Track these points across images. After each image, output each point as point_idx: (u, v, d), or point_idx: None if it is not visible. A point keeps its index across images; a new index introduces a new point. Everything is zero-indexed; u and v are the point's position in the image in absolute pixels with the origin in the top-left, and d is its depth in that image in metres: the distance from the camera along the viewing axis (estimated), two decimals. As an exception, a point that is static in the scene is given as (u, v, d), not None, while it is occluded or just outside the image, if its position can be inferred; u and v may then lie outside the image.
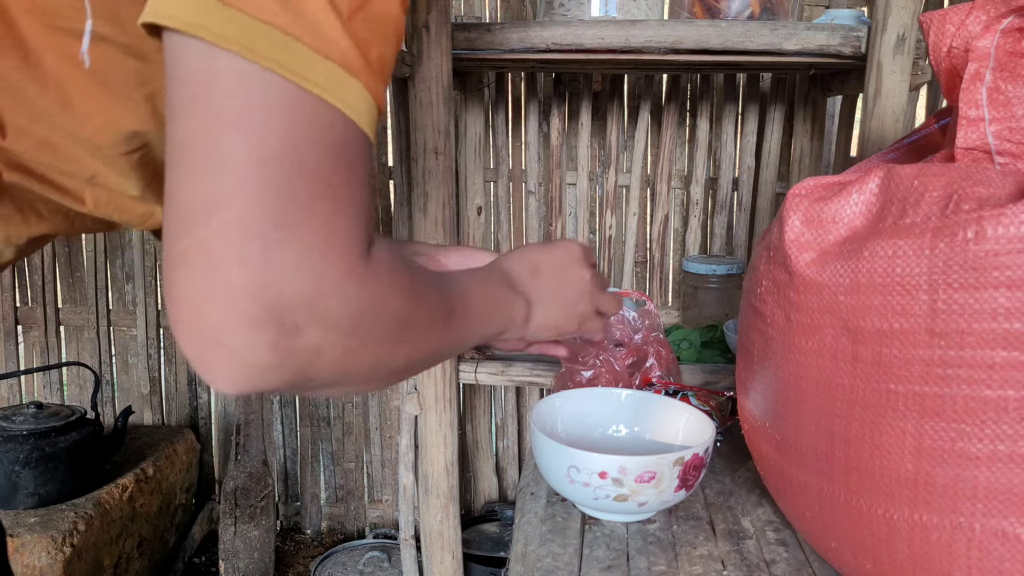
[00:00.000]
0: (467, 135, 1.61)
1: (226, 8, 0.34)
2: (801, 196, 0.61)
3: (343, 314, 0.37)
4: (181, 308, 0.35)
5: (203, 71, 0.34)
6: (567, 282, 0.66)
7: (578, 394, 0.89)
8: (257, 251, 0.34)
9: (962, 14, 0.59)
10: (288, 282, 0.35)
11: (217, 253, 0.34)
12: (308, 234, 0.35)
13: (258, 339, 0.35)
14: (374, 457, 1.88)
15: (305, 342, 0.36)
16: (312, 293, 0.36)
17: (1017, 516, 0.47)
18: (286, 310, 0.35)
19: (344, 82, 0.36)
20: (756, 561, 0.69)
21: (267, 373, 0.36)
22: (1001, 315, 0.46)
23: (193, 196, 0.35)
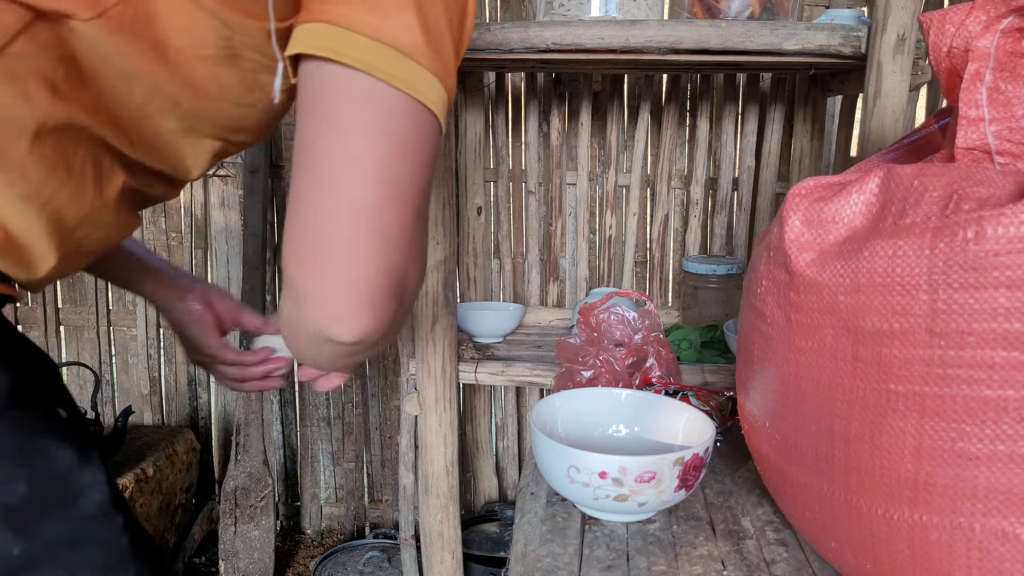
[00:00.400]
0: (467, 135, 1.61)
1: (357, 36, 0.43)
2: (801, 196, 0.61)
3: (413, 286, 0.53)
4: (345, 280, 0.46)
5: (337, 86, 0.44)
6: None
7: (578, 394, 0.89)
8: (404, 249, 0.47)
9: (962, 14, 0.59)
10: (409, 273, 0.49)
11: (386, 243, 0.46)
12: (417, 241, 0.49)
13: (391, 306, 0.48)
14: (374, 457, 1.88)
15: (405, 307, 0.51)
16: (417, 281, 0.52)
17: (1017, 516, 0.47)
18: (404, 292, 0.49)
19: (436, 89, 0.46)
20: (756, 561, 0.69)
21: (383, 329, 0.49)
22: (1001, 315, 0.46)
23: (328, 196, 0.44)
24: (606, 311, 1.03)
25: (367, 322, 0.47)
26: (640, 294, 1.13)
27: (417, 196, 0.47)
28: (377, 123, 0.43)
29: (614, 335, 1.01)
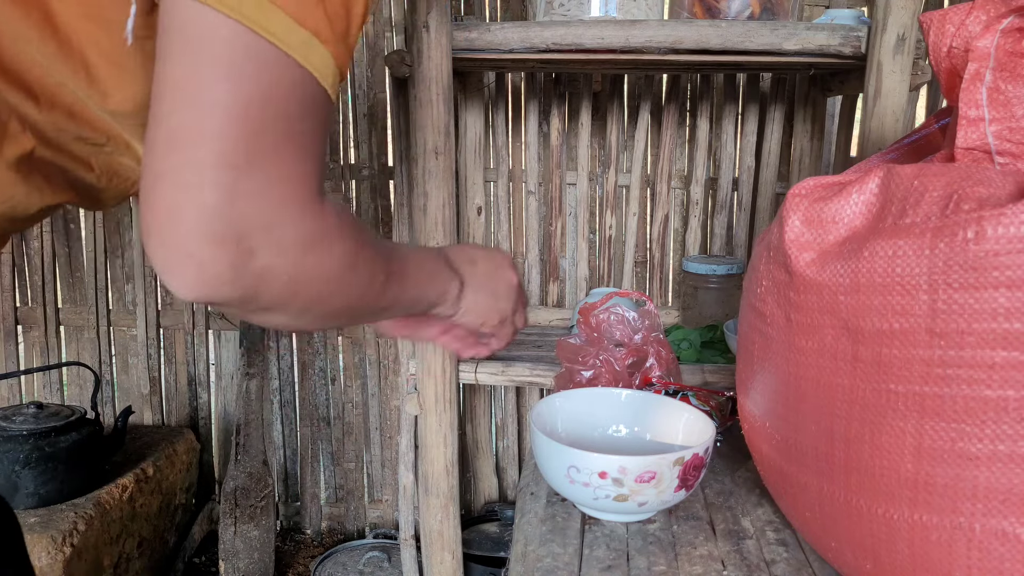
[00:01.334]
0: (467, 135, 1.61)
1: None
2: (801, 196, 0.61)
3: (295, 243, 0.44)
4: (157, 218, 0.41)
5: (201, 26, 0.40)
6: (498, 277, 0.72)
7: (578, 394, 0.89)
8: (231, 178, 0.40)
9: (962, 14, 0.59)
10: (252, 208, 0.41)
11: (197, 175, 0.40)
12: (274, 169, 0.42)
13: (220, 254, 0.41)
14: (374, 457, 1.88)
15: (258, 263, 0.43)
16: (272, 220, 0.42)
17: (1017, 516, 0.47)
18: (247, 232, 0.41)
19: (315, 49, 0.43)
20: (756, 561, 0.69)
21: (221, 286, 0.42)
22: (1001, 315, 0.46)
23: (182, 125, 0.41)
24: (606, 311, 1.02)
25: (185, 270, 0.41)
26: (640, 294, 1.13)
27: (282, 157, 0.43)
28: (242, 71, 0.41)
29: (614, 335, 1.01)
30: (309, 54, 0.42)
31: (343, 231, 0.47)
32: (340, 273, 0.48)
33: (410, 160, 1.49)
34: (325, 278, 0.47)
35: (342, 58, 0.46)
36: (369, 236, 0.53)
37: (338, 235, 0.47)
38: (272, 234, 0.42)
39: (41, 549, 1.28)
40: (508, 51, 1.17)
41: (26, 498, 1.37)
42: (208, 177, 0.40)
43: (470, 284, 0.68)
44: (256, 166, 0.41)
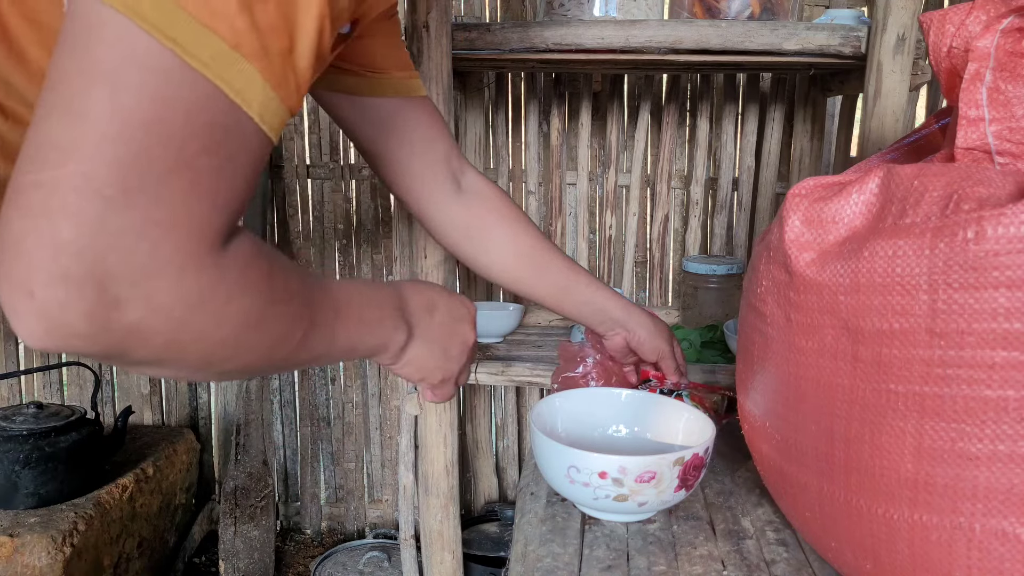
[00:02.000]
0: (467, 135, 1.61)
1: None
2: (801, 196, 0.61)
3: (173, 300, 0.35)
4: (3, 243, 0.33)
5: (89, 17, 0.34)
6: (454, 333, 0.66)
7: (578, 394, 0.89)
8: (95, 209, 0.33)
9: (962, 14, 0.59)
10: (119, 250, 0.33)
11: (56, 199, 0.32)
12: (154, 207, 0.34)
13: (72, 301, 0.33)
14: (374, 457, 1.88)
15: (124, 318, 0.34)
16: (142, 268, 0.34)
17: (1017, 516, 0.47)
18: (110, 279, 0.33)
19: (232, 63, 0.35)
20: (756, 561, 0.69)
21: (74, 338, 0.34)
22: (1001, 315, 0.46)
23: (51, 136, 0.33)
24: None
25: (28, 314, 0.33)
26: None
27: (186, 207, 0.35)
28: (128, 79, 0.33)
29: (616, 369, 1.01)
30: (225, 71, 0.35)
31: (246, 287, 0.39)
32: (239, 333, 0.40)
33: (410, 160, 1.49)
34: (219, 339, 0.39)
35: (283, 83, 0.37)
36: (290, 284, 0.44)
37: (238, 291, 0.39)
38: (144, 287, 0.34)
39: (41, 549, 1.28)
40: (508, 51, 1.17)
41: (26, 498, 1.37)
42: (67, 203, 0.32)
43: (420, 336, 0.62)
44: (132, 200, 0.33)
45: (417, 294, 0.63)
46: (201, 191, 0.35)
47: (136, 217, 0.33)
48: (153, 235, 0.34)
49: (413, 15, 1.13)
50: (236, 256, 0.38)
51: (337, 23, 0.41)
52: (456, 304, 0.67)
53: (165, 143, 0.34)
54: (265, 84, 0.36)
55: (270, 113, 0.38)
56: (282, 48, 0.37)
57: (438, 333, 0.64)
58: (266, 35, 0.36)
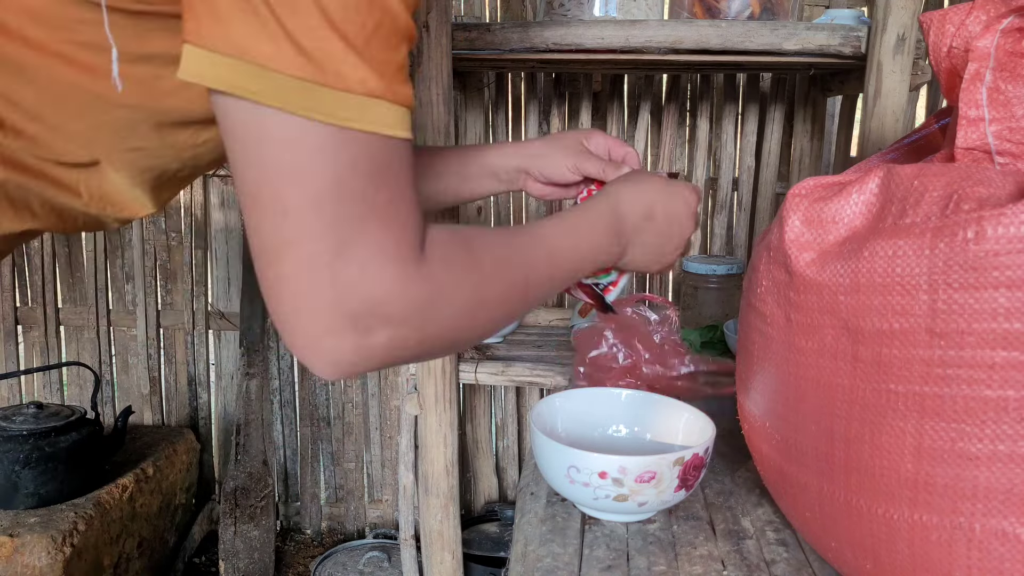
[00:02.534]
0: (467, 135, 1.61)
1: (261, 69, 0.38)
2: (801, 196, 0.61)
3: (407, 313, 0.44)
4: (281, 323, 0.43)
5: (252, 126, 0.40)
6: (672, 234, 0.69)
7: (578, 394, 0.89)
8: (326, 275, 0.41)
9: (962, 14, 0.59)
10: (353, 296, 0.42)
11: (297, 283, 0.41)
12: (364, 252, 0.42)
13: (342, 343, 0.43)
14: (374, 457, 1.88)
15: (379, 340, 0.43)
16: (375, 300, 0.42)
17: (1017, 516, 0.47)
18: (357, 319, 0.42)
19: (372, 107, 0.41)
20: (756, 561, 0.69)
21: (355, 366, 0.44)
22: (1001, 315, 0.46)
23: (269, 238, 0.42)
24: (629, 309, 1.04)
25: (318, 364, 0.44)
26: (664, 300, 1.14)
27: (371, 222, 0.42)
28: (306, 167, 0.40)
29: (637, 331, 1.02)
30: (366, 115, 0.41)
31: (457, 279, 0.47)
32: (470, 313, 0.48)
33: (410, 160, 1.49)
34: (455, 327, 0.48)
35: (403, 93, 0.44)
36: (495, 253, 0.52)
37: (453, 286, 0.47)
38: (381, 312, 0.43)
39: (41, 549, 1.28)
40: (508, 51, 1.17)
41: (26, 498, 1.37)
42: (304, 281, 0.41)
43: (633, 248, 0.66)
44: (344, 256, 0.41)
45: (635, 203, 0.66)
46: (388, 222, 0.43)
47: (355, 267, 0.42)
48: (371, 272, 0.42)
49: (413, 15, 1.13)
50: (436, 258, 0.46)
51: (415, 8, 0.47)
52: (677, 202, 0.69)
53: (349, 200, 0.41)
54: (396, 106, 0.43)
55: (404, 123, 0.44)
56: (393, 71, 0.42)
57: (654, 240, 0.68)
58: (382, 71, 0.41)
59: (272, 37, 0.38)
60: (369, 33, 0.40)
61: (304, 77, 0.38)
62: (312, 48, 0.38)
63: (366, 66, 0.40)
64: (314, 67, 0.39)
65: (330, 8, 0.38)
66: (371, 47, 0.40)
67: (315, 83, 0.39)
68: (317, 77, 0.39)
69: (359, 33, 0.40)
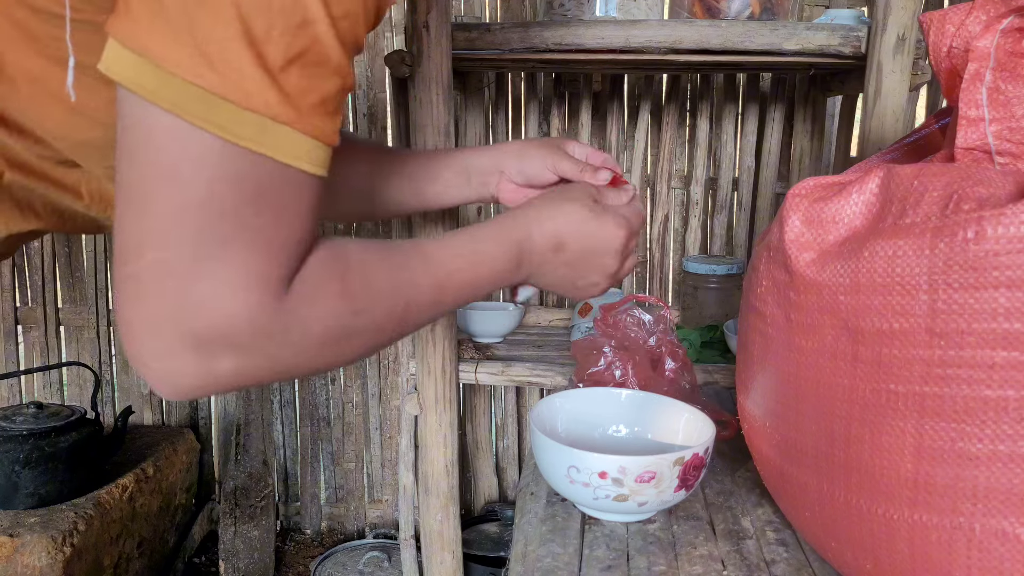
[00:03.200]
0: (467, 135, 1.61)
1: (160, 70, 0.37)
2: (801, 196, 0.61)
3: (255, 343, 0.41)
4: (121, 330, 0.41)
5: (142, 123, 0.39)
6: (586, 270, 0.64)
7: (578, 394, 0.89)
8: (173, 287, 0.39)
9: (962, 14, 0.59)
10: (201, 316, 0.39)
11: (143, 287, 0.39)
12: (221, 271, 0.39)
13: (178, 366, 0.40)
14: (374, 457, 1.88)
15: (225, 367, 0.41)
16: (221, 326, 0.40)
17: (1017, 516, 0.47)
18: (201, 342, 0.40)
19: (275, 131, 0.40)
20: (756, 561, 0.69)
21: (199, 390, 0.41)
22: (1001, 315, 0.46)
23: (129, 235, 0.39)
24: (625, 312, 1.03)
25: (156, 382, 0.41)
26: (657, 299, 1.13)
27: None
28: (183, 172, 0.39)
29: (630, 335, 1.01)
30: (265, 137, 0.39)
31: (320, 314, 0.44)
32: (332, 346, 0.46)
33: (410, 160, 1.49)
34: (314, 357, 0.45)
35: (318, 126, 0.42)
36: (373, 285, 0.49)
37: (315, 320, 0.44)
38: (229, 340, 0.40)
39: (41, 549, 1.28)
40: (508, 51, 1.17)
41: (26, 498, 1.37)
42: (151, 288, 0.39)
43: (540, 275, 0.62)
44: (199, 271, 0.39)
45: (545, 233, 0.61)
46: (258, 246, 0.41)
47: (207, 284, 0.39)
48: (223, 295, 0.40)
49: (413, 15, 1.13)
50: (301, 292, 0.43)
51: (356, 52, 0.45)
52: (598, 237, 0.63)
53: (219, 216, 0.39)
54: (306, 137, 0.41)
55: (317, 157, 0.43)
56: (312, 103, 0.41)
57: (563, 272, 0.62)
58: (295, 99, 0.40)
59: (177, 40, 0.37)
60: (290, 58, 0.39)
61: (202, 85, 0.37)
62: (218, 59, 0.37)
63: (276, 89, 0.39)
64: (216, 77, 0.38)
65: (251, 25, 0.37)
66: (289, 73, 0.39)
67: (214, 93, 0.38)
68: (217, 88, 0.38)
69: (278, 55, 0.39)
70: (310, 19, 0.39)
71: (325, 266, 0.45)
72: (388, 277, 0.50)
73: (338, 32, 0.41)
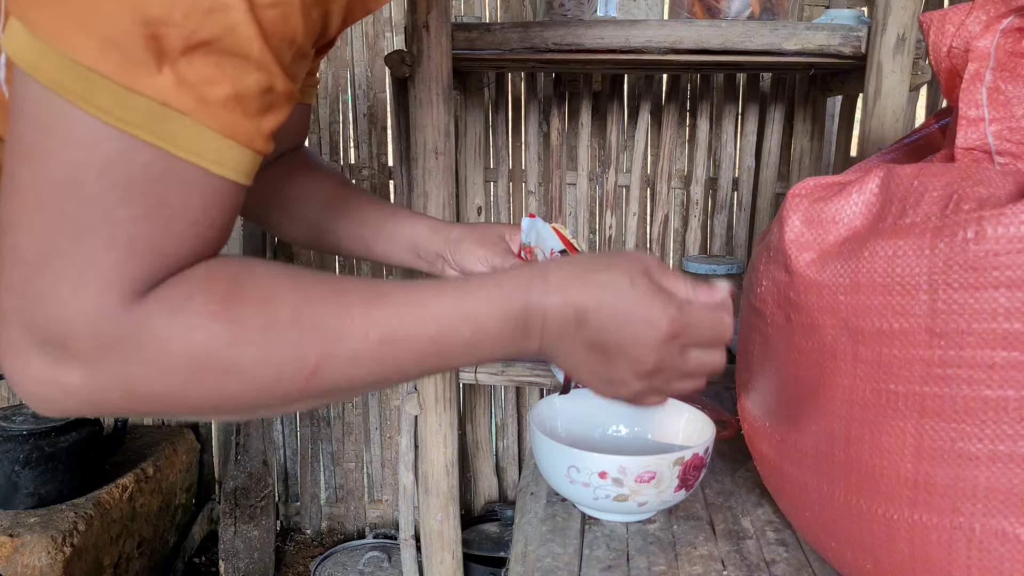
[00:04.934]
0: (467, 135, 1.61)
1: (35, 39, 0.34)
2: (801, 196, 0.61)
3: (99, 354, 0.36)
4: None
5: (23, 99, 0.35)
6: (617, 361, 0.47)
7: (578, 394, 0.89)
8: (20, 275, 0.35)
9: (962, 14, 0.59)
10: (41, 312, 0.35)
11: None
12: (69, 266, 0.35)
13: (24, 365, 0.35)
14: (374, 457, 1.88)
15: (73, 378, 0.36)
16: (63, 327, 0.35)
17: (1017, 516, 0.47)
18: (46, 340, 0.35)
19: (170, 120, 0.35)
20: (756, 561, 0.69)
21: (49, 402, 0.36)
22: (1001, 315, 0.46)
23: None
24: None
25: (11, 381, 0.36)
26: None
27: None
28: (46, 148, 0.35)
29: None
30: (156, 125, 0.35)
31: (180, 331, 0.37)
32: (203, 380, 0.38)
33: (410, 160, 1.49)
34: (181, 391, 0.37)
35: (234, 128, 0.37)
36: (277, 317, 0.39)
37: (174, 337, 0.37)
38: (69, 346, 0.35)
39: (41, 549, 1.28)
40: (508, 51, 1.17)
41: (26, 498, 1.37)
42: (3, 276, 0.35)
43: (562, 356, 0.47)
44: (47, 262, 0.34)
45: (561, 303, 0.45)
46: (118, 244, 0.35)
47: (49, 279, 0.35)
48: (63, 294, 0.35)
49: (413, 15, 1.13)
50: (160, 302, 0.37)
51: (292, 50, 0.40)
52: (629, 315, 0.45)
53: (79, 202, 0.35)
54: (211, 132, 0.37)
55: (228, 157, 0.38)
56: (222, 96, 0.37)
57: (583, 357, 0.47)
58: (199, 88, 0.36)
59: (64, 13, 0.34)
60: (193, 44, 0.35)
61: (82, 61, 0.34)
62: (104, 35, 0.34)
63: (173, 75, 0.35)
64: (99, 55, 0.34)
65: (149, 4, 0.34)
66: (192, 59, 0.35)
67: (92, 70, 0.34)
68: (97, 65, 0.34)
69: (178, 40, 0.35)
70: (224, 5, 0.35)
71: (204, 280, 0.38)
72: (303, 313, 0.40)
73: (260, 23, 0.36)
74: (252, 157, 0.39)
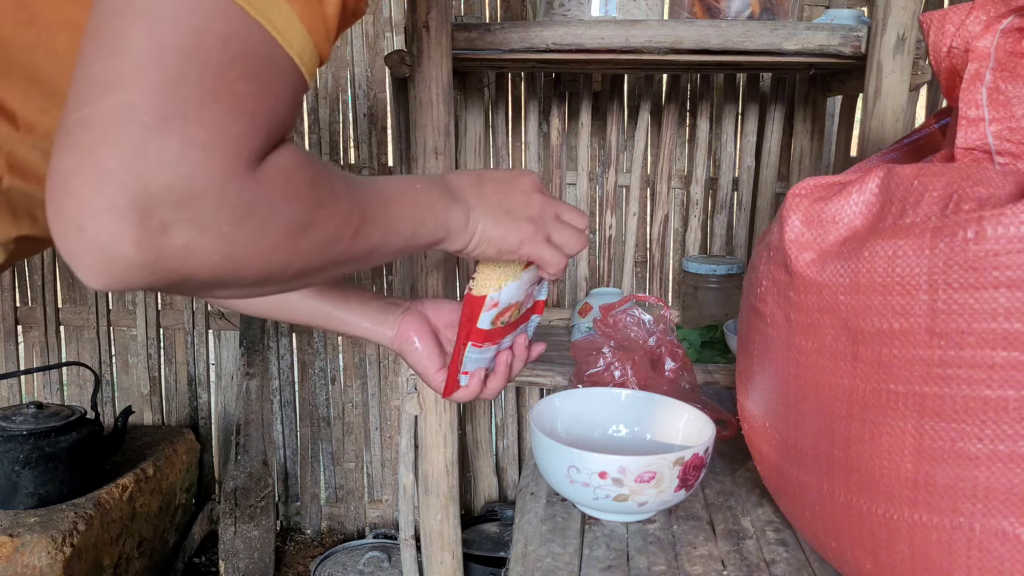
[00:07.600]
0: (467, 135, 1.61)
1: None
2: (801, 196, 0.61)
3: (218, 217, 0.36)
4: (54, 184, 0.34)
5: None
6: (512, 189, 0.62)
7: (578, 394, 0.89)
8: (136, 137, 0.33)
9: (962, 14, 0.59)
10: (161, 174, 0.34)
11: (98, 133, 0.33)
12: (194, 130, 0.34)
13: (121, 231, 0.34)
14: (374, 457, 1.88)
15: (174, 242, 0.35)
16: (185, 191, 0.34)
17: (1017, 516, 0.47)
18: (155, 205, 0.34)
19: (273, 3, 0.37)
20: (756, 561, 0.69)
21: (131, 269, 0.35)
22: (1001, 315, 0.46)
23: (91, 74, 0.34)
24: (624, 312, 1.03)
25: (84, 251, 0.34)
26: (657, 299, 1.13)
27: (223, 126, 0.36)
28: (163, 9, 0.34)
29: (629, 335, 1.01)
30: (266, 8, 0.37)
31: (289, 195, 0.40)
32: (289, 238, 0.41)
33: (410, 160, 1.49)
34: (270, 248, 0.40)
35: (317, 28, 0.39)
36: (335, 185, 0.46)
37: (281, 201, 0.40)
38: (189, 208, 0.35)
39: (41, 549, 1.28)
40: (508, 51, 1.17)
41: (26, 498, 1.37)
42: (109, 134, 0.33)
43: (476, 207, 0.59)
44: (171, 125, 0.34)
45: (460, 175, 0.62)
46: (239, 111, 0.36)
47: (175, 141, 0.34)
48: (193, 157, 0.34)
49: (413, 15, 1.13)
50: (276, 169, 0.39)
51: None
52: (505, 171, 0.65)
53: (201, 68, 0.35)
54: (303, 27, 0.38)
55: (307, 55, 0.40)
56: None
57: (494, 198, 0.61)
58: None
59: None
60: None
61: None
62: None
63: None
64: None
65: None
66: None
67: None
68: None
69: None
70: None
71: (297, 154, 0.42)
72: (347, 183, 0.48)
73: None
74: (317, 62, 0.41)
